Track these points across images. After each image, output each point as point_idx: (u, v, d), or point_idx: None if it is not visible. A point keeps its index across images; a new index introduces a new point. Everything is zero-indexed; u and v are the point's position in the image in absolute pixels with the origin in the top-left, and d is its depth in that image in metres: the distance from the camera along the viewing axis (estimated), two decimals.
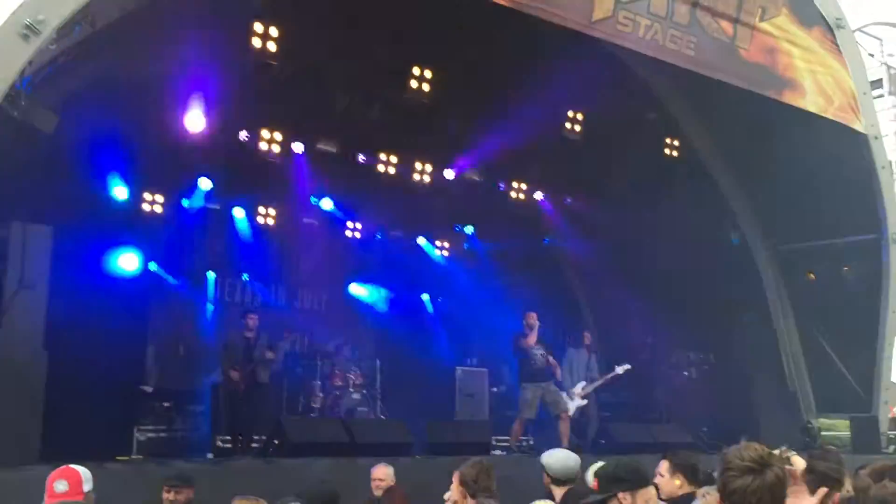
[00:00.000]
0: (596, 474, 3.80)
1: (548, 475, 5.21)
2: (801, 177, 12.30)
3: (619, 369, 12.37)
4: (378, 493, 6.77)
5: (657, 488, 5.11)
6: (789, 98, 10.75)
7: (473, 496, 5.07)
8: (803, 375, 13.72)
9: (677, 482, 4.92)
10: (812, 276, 13.57)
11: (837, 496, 3.23)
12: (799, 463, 5.17)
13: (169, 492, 5.95)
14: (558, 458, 5.14)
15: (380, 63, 12.00)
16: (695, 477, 5.25)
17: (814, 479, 3.30)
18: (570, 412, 11.95)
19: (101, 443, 9.82)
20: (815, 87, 10.95)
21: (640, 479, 3.73)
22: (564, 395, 12.07)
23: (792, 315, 13.87)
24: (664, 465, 5.01)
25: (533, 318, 11.50)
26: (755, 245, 13.97)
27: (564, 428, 11.29)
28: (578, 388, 12.25)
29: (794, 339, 13.82)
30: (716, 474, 2.71)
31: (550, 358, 11.52)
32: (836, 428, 16.41)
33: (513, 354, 11.76)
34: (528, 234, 15.47)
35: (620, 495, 3.60)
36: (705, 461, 4.98)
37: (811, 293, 13.58)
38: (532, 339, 11.35)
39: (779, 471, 2.45)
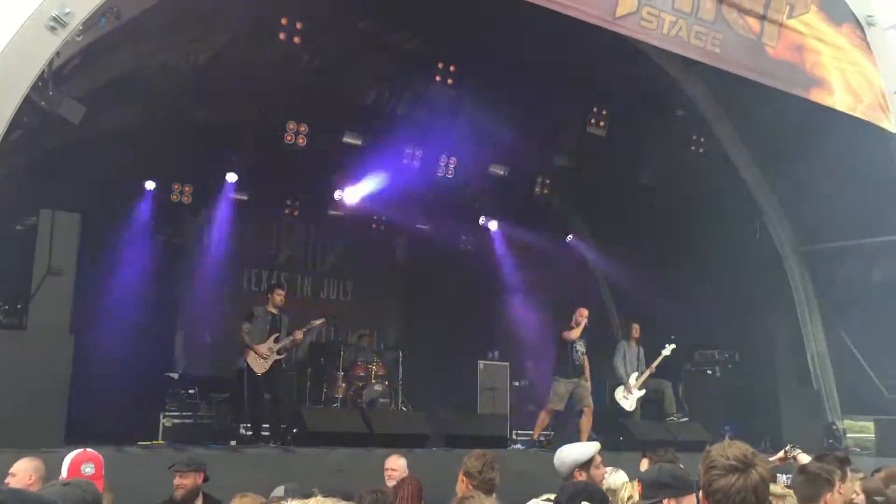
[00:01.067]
0: (640, 479, 3.79)
1: None
2: (829, 176, 12.14)
3: (666, 350, 12.32)
4: (391, 483, 6.83)
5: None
6: (817, 96, 10.59)
7: (477, 489, 5.13)
8: (829, 376, 13.55)
9: None
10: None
11: (828, 496, 3.23)
12: (804, 461, 5.18)
13: (175, 476, 6.07)
14: (558, 454, 5.19)
15: (405, 57, 12.06)
16: None
17: (805, 479, 3.32)
18: (632, 407, 12.05)
19: (127, 428, 10.06)
20: (843, 86, 10.77)
21: (685, 486, 3.73)
22: (622, 388, 12.09)
23: (818, 314, 13.71)
24: (644, 463, 5.06)
25: (583, 315, 11.56)
26: (782, 244, 13.82)
27: (586, 423, 11.36)
28: (633, 379, 12.23)
29: (819, 340, 13.65)
30: (699, 472, 2.69)
31: (585, 357, 11.62)
32: (867, 430, 16.20)
33: (555, 346, 11.78)
34: (551, 229, 15.47)
35: (665, 501, 3.60)
36: None
37: (838, 293, 13.40)
38: (576, 333, 11.42)
39: (762, 471, 2.43)
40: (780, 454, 5.45)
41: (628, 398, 12.09)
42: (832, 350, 13.49)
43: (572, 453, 5.09)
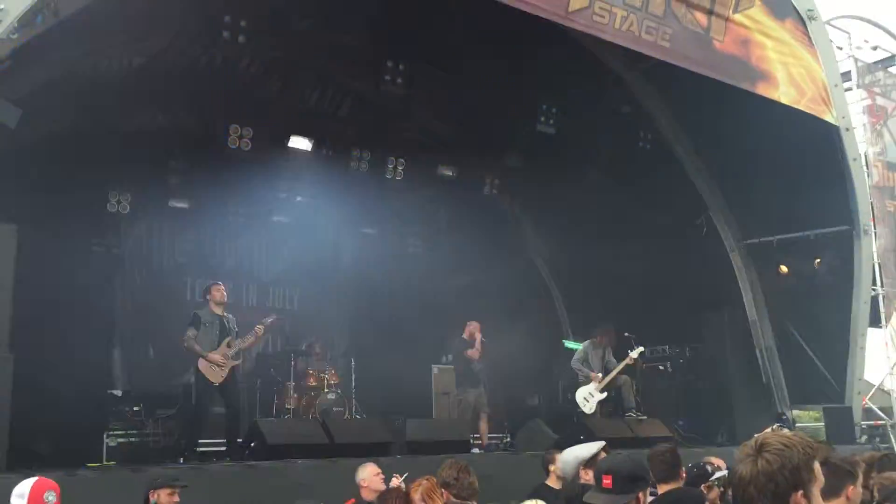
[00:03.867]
0: (610, 471, 3.53)
1: None
2: (772, 169, 12.33)
3: (633, 353, 12.07)
4: (367, 495, 6.45)
5: None
6: (763, 90, 10.72)
7: (458, 496, 4.91)
8: (777, 368, 13.74)
9: None
10: (784, 268, 13.59)
11: (851, 489, 3.11)
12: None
13: (164, 493, 5.66)
14: (562, 457, 5.07)
15: (351, 57, 11.81)
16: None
17: (827, 471, 3.20)
18: (592, 409, 11.91)
19: (70, 449, 9.56)
20: (787, 79, 10.94)
21: (649, 475, 3.60)
22: (583, 390, 11.99)
23: (765, 308, 13.90)
24: None
25: (475, 327, 12.12)
26: (727, 238, 13.98)
27: (484, 427, 11.92)
28: (594, 382, 12.00)
29: (767, 332, 13.84)
30: None
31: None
32: (802, 419, 16.56)
33: (456, 360, 12.41)
34: (500, 229, 15.37)
35: (640, 494, 3.42)
36: (682, 454, 4.86)
37: (784, 286, 13.61)
38: (477, 353, 11.97)
39: (770, 457, 2.22)
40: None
41: (589, 401, 11.94)
42: (780, 341, 13.69)
43: (574, 451, 4.96)
